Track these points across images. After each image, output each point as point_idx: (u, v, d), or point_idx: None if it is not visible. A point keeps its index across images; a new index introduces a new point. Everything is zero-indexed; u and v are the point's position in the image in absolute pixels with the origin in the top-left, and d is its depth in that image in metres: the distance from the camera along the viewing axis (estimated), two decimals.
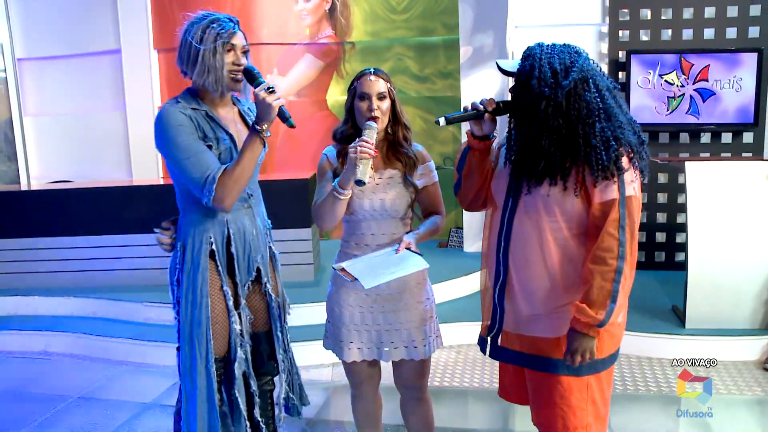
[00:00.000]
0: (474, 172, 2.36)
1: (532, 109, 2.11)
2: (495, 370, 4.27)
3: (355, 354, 2.61)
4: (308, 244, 5.40)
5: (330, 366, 4.47)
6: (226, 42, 2.35)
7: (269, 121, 2.32)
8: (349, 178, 2.39)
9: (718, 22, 5.61)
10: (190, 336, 2.44)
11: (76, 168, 7.30)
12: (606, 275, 2.03)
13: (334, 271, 2.57)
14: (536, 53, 2.13)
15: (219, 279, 2.48)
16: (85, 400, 4.10)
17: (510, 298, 2.25)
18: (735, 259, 4.31)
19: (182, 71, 2.45)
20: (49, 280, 5.58)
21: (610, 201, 2.05)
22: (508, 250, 2.22)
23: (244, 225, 2.52)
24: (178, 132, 2.32)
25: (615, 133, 2.07)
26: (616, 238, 2.03)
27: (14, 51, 7.37)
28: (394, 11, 6.87)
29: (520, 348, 2.25)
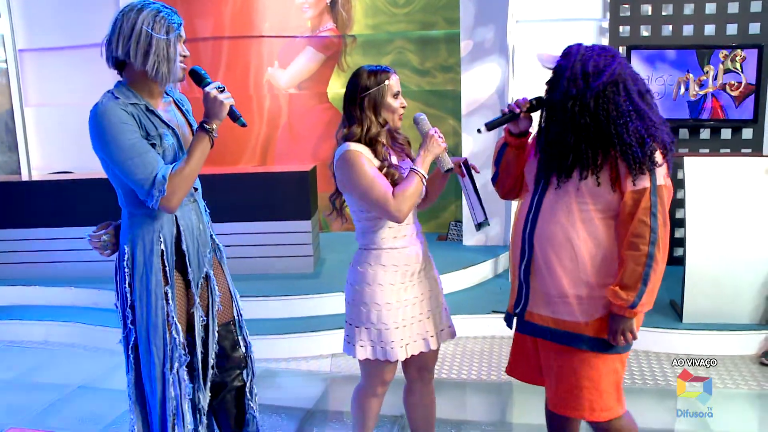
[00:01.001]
0: (511, 166, 2.50)
1: (560, 107, 2.23)
2: (493, 363, 4.30)
3: (403, 352, 2.55)
4: (308, 236, 5.42)
5: (329, 357, 4.50)
6: (178, 33, 2.29)
7: (219, 120, 2.30)
8: (428, 160, 2.47)
9: (719, 18, 5.62)
10: (147, 341, 2.35)
11: (77, 159, 7.28)
12: (638, 260, 2.14)
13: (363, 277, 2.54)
14: (573, 53, 2.25)
15: (165, 281, 2.36)
16: (85, 390, 4.13)
17: (535, 276, 2.33)
18: (733, 255, 4.33)
19: (115, 60, 2.30)
20: (50, 270, 5.60)
21: (641, 189, 2.15)
22: (535, 229, 2.31)
23: (191, 220, 2.44)
24: (121, 130, 2.20)
25: (649, 131, 2.17)
26: (648, 225, 2.14)
27: (15, 42, 7.37)
28: (395, 5, 6.87)
29: (546, 324, 2.32)
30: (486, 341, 4.69)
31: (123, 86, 2.32)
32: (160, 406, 2.38)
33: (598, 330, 2.24)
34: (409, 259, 2.56)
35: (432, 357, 2.73)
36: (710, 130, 5.76)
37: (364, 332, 2.55)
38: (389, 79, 2.52)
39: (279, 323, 4.69)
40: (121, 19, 2.26)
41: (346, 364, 4.39)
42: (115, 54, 2.28)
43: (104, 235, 2.46)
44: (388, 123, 2.55)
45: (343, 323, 4.03)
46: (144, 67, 2.25)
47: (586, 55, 2.22)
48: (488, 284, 5.56)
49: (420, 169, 2.45)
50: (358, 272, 2.56)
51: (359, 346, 2.55)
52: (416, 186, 2.43)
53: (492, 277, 5.71)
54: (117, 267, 2.43)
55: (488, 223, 2.60)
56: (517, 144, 2.46)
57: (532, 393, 3.90)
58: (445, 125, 6.74)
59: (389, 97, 2.52)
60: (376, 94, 2.50)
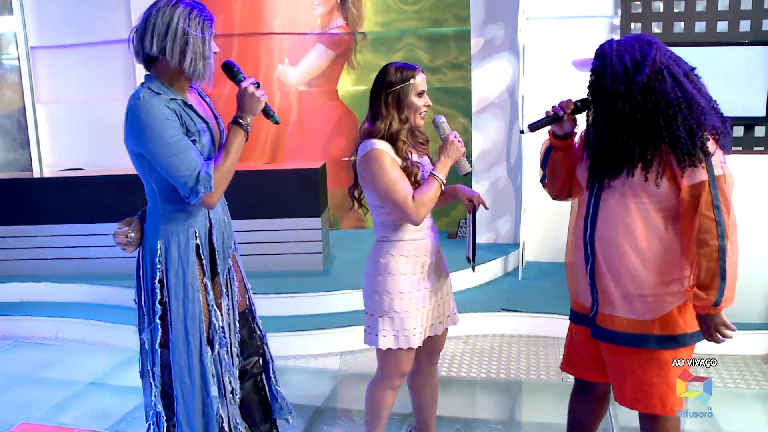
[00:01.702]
0: (558, 167, 2.47)
1: (609, 107, 2.18)
2: (502, 361, 4.30)
3: (420, 339, 2.63)
4: (318, 233, 5.42)
5: (338, 354, 4.50)
6: (212, 32, 2.32)
7: (253, 115, 2.34)
8: (448, 165, 2.55)
9: (732, 14, 5.57)
10: (185, 333, 2.38)
11: (88, 156, 7.33)
12: (710, 256, 2.09)
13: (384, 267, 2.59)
14: (606, 51, 2.20)
15: (202, 273, 2.42)
16: (95, 386, 4.14)
17: (600, 279, 2.31)
18: (744, 253, 4.26)
19: (147, 55, 2.29)
20: (60, 266, 5.63)
21: (699, 183, 2.10)
22: (595, 232, 2.29)
23: (218, 213, 2.50)
24: (165, 126, 2.20)
25: (698, 120, 2.11)
26: (713, 219, 2.08)
27: (27, 39, 7.41)
28: (405, 2, 6.86)
29: (616, 327, 2.29)
30: (495, 339, 4.68)
31: (157, 81, 2.30)
32: (200, 391, 2.43)
33: (664, 326, 2.22)
34: (426, 250, 2.63)
35: (441, 340, 2.86)
36: None
37: (387, 321, 2.59)
38: (415, 77, 2.56)
39: (288, 321, 4.69)
40: (154, 14, 2.24)
41: (354, 361, 4.39)
42: (148, 51, 2.26)
43: (131, 231, 2.45)
44: (409, 121, 2.57)
45: (352, 321, 4.05)
46: (181, 65, 2.26)
47: (621, 49, 2.18)
48: (498, 282, 5.55)
49: (439, 174, 2.52)
50: (379, 263, 2.61)
51: (382, 335, 2.60)
52: (435, 191, 2.51)
53: (502, 275, 5.69)
54: (142, 263, 2.44)
55: (473, 267, 2.76)
56: (563, 146, 2.44)
57: (542, 391, 3.92)
58: (455, 123, 6.73)
59: (413, 96, 2.55)
60: (400, 91, 2.54)
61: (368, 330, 2.67)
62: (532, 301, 4.93)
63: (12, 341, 4.99)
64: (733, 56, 5.48)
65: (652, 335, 2.23)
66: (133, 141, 2.26)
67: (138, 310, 2.48)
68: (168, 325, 2.40)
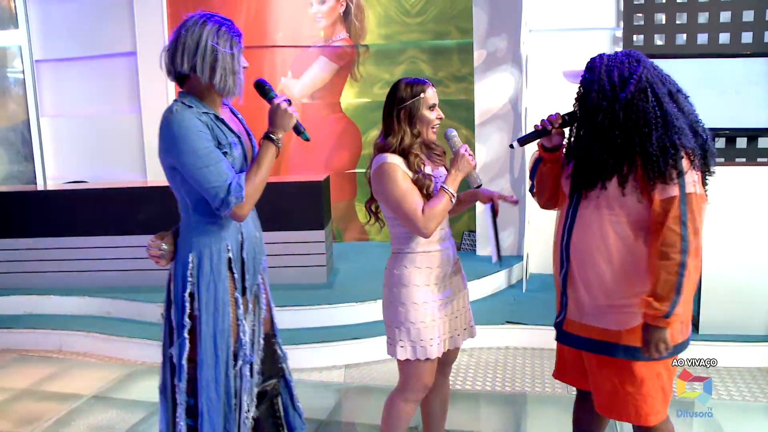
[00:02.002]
0: (546, 179, 2.53)
1: (591, 120, 2.25)
2: (507, 374, 4.28)
3: (438, 349, 2.63)
4: (321, 246, 5.41)
5: (342, 368, 4.49)
6: (241, 47, 2.37)
7: (285, 132, 2.38)
8: (458, 179, 2.57)
9: (734, 26, 5.59)
10: (214, 347, 2.38)
11: (92, 169, 7.35)
12: (670, 269, 2.12)
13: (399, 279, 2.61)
14: (597, 65, 2.26)
15: (234, 287, 2.42)
16: (99, 400, 4.13)
17: (572, 287, 2.36)
18: (749, 265, 4.29)
19: (179, 73, 2.33)
20: (64, 279, 5.63)
21: (670, 198, 2.14)
22: (570, 240, 2.34)
23: (250, 228, 2.50)
24: (198, 138, 2.24)
25: (672, 139, 2.15)
26: (678, 234, 2.11)
27: (32, 53, 7.45)
28: (408, 14, 6.89)
29: (585, 334, 2.35)
30: (500, 352, 4.66)
31: (189, 96, 2.35)
32: (224, 406, 2.42)
33: (634, 338, 2.25)
34: (442, 261, 2.65)
35: (455, 353, 2.87)
36: (725, 139, 5.72)
37: (403, 332, 2.61)
38: (425, 91, 2.59)
39: (292, 333, 4.68)
40: (184, 34, 2.29)
41: (359, 374, 4.38)
42: (179, 69, 2.31)
43: (164, 244, 2.46)
44: (422, 135, 2.61)
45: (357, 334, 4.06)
46: (211, 81, 2.30)
47: (611, 65, 2.24)
48: (502, 295, 5.54)
49: (450, 188, 2.54)
50: (395, 275, 2.63)
51: (399, 346, 2.61)
52: (445, 204, 2.53)
53: (506, 288, 5.68)
54: (173, 277, 2.44)
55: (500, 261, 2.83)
56: (551, 158, 2.50)
57: (547, 404, 3.90)
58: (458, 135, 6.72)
59: (425, 110, 2.59)
60: (411, 106, 2.57)
61: (389, 341, 2.70)
62: (536, 313, 4.91)
63: (15, 354, 4.98)
64: (736, 68, 5.48)
65: (620, 345, 2.27)
66: (166, 153, 2.30)
67: (165, 324, 2.46)
68: (197, 339, 2.39)
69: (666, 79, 2.25)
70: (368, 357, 4.53)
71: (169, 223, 2.54)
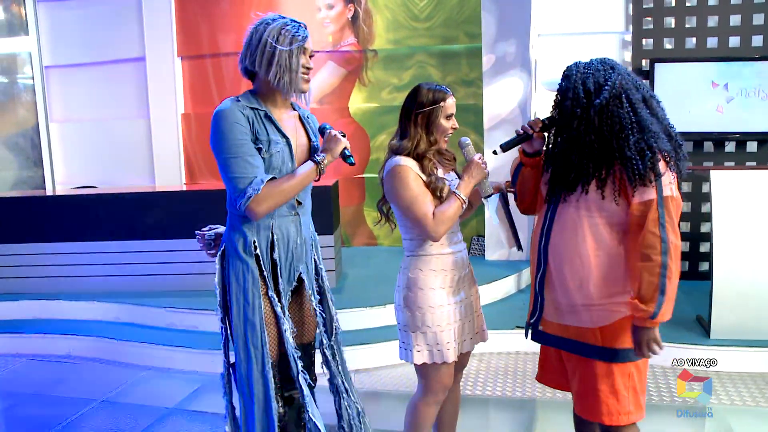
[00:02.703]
0: (527, 183, 2.57)
1: (567, 126, 2.30)
2: (518, 379, 4.26)
3: (455, 353, 2.63)
4: (331, 251, 5.41)
5: (352, 373, 4.45)
6: (301, 45, 2.40)
7: (333, 157, 2.49)
8: (471, 185, 2.59)
9: (744, 30, 5.56)
10: (245, 341, 2.39)
11: (101, 174, 7.38)
12: (653, 270, 2.16)
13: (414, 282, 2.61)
14: (573, 73, 2.32)
15: (265, 284, 2.43)
16: (108, 404, 4.13)
17: (549, 287, 2.40)
18: (761, 269, 4.26)
19: (246, 70, 2.44)
20: (73, 284, 5.64)
21: (648, 201, 2.18)
22: (548, 242, 2.38)
23: (288, 232, 2.49)
24: (231, 128, 2.30)
25: (649, 143, 2.20)
26: (658, 236, 2.15)
27: (42, 59, 7.49)
28: (416, 19, 6.88)
29: (559, 333, 2.39)
30: (510, 357, 4.64)
31: (249, 93, 2.44)
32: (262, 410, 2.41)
33: (607, 339, 2.29)
34: (456, 264, 2.65)
35: (467, 357, 2.83)
36: (735, 143, 5.69)
37: (420, 336, 2.60)
38: (445, 100, 2.60)
39: None
40: (252, 32, 2.39)
41: (368, 380, 4.36)
42: (246, 65, 2.41)
43: (208, 233, 2.58)
44: (438, 142, 2.62)
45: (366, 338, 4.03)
46: (267, 76, 2.36)
47: (586, 73, 2.30)
48: (511, 299, 5.52)
49: (461, 193, 2.56)
50: (409, 278, 2.62)
51: (416, 350, 2.61)
52: (456, 210, 2.54)
53: (515, 292, 5.66)
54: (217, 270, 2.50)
55: (521, 249, 2.82)
56: (532, 163, 2.53)
57: (557, 409, 3.87)
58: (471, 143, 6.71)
59: (442, 118, 2.60)
60: (430, 112, 2.58)
61: (402, 345, 2.68)
62: None
63: (25, 359, 4.99)
64: (746, 71, 5.45)
65: (595, 346, 2.30)
66: (211, 144, 2.36)
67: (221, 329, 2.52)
68: (232, 333, 2.44)
69: (640, 86, 2.31)
70: (378, 362, 4.51)
71: (176, 227, 2.59)
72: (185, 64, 7.21)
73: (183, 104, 7.23)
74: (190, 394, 4.18)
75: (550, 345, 2.47)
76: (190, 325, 4.96)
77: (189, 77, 7.22)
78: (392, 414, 2.74)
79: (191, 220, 3.14)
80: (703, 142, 5.71)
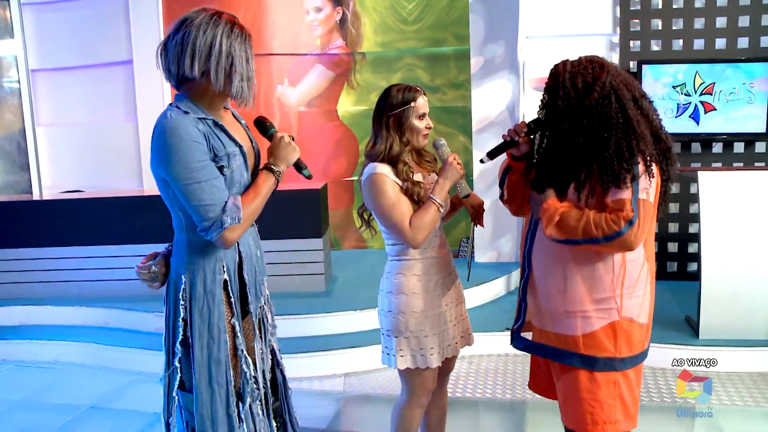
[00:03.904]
0: (516, 187, 2.51)
1: (556, 127, 2.24)
2: (507, 381, 4.26)
3: (439, 358, 2.62)
4: (320, 254, 5.40)
5: (342, 376, 4.46)
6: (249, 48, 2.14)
7: (287, 165, 2.24)
8: (446, 188, 2.53)
9: (730, 32, 5.60)
10: (209, 379, 2.13)
11: (88, 178, 7.33)
12: (588, 230, 2.13)
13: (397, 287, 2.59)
14: (560, 72, 2.24)
15: (231, 312, 2.19)
16: (97, 410, 4.10)
17: (532, 293, 2.38)
18: (749, 269, 4.28)
19: (183, 76, 2.08)
20: (61, 289, 5.60)
21: (620, 200, 2.13)
22: (532, 247, 2.36)
23: (250, 246, 2.29)
24: (191, 149, 1.99)
25: (630, 144, 2.14)
26: (618, 228, 2.10)
27: (28, 62, 7.44)
28: (405, 22, 6.89)
29: (542, 341, 2.36)
30: (500, 359, 4.64)
31: (186, 99, 2.10)
32: None
33: (589, 346, 2.25)
34: (439, 269, 2.64)
35: (453, 362, 2.83)
36: (723, 144, 5.72)
37: (403, 341, 2.59)
38: (416, 100, 2.56)
39: (291, 342, 4.65)
40: (194, 33, 2.02)
41: (359, 383, 4.35)
42: (187, 73, 2.04)
43: (153, 266, 2.23)
44: (411, 143, 2.58)
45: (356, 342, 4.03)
46: (226, 88, 2.08)
47: (574, 72, 2.22)
48: (501, 301, 5.52)
49: (437, 198, 2.51)
50: (393, 283, 2.61)
51: (399, 356, 2.59)
52: (433, 215, 2.50)
53: (504, 294, 5.67)
54: (166, 300, 2.21)
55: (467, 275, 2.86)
56: (520, 167, 2.48)
57: (546, 411, 3.87)
58: (455, 142, 6.73)
59: (414, 118, 2.56)
60: (401, 114, 2.55)
61: (385, 350, 2.66)
62: None
63: (11, 365, 4.94)
64: (732, 73, 5.49)
65: (577, 353, 2.27)
66: (158, 164, 2.05)
67: (165, 351, 2.25)
68: (191, 369, 2.15)
69: (630, 85, 2.23)
70: (368, 365, 4.50)
71: (167, 232, 2.41)
72: None
73: None
74: None
75: (531, 352, 2.44)
76: None
77: None
78: (381, 418, 2.73)
79: None
80: (690, 143, 5.74)
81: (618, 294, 2.23)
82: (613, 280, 2.23)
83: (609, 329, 2.23)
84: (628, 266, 2.22)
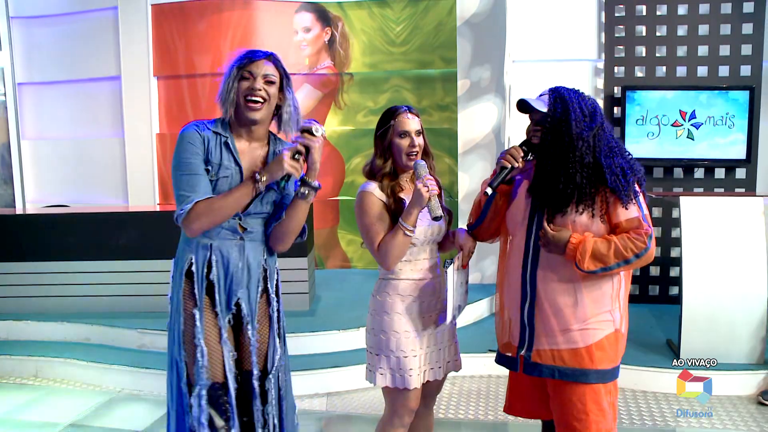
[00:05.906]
0: (499, 212, 2.58)
1: (568, 148, 2.33)
2: (490, 402, 4.26)
3: (419, 380, 2.62)
4: (304, 273, 5.39)
5: (324, 396, 4.45)
6: (242, 68, 2.42)
7: (272, 178, 2.36)
8: (414, 213, 2.49)
9: (711, 60, 5.71)
10: (170, 352, 2.44)
11: (73, 193, 7.30)
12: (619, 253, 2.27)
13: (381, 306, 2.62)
14: (567, 96, 2.36)
15: (192, 303, 2.40)
16: (76, 428, 4.05)
17: (540, 316, 2.41)
18: (729, 294, 4.33)
19: None
20: (42, 304, 5.54)
21: (633, 218, 2.31)
22: (536, 270, 2.41)
23: (229, 255, 2.43)
24: (185, 148, 2.36)
25: (629, 164, 2.34)
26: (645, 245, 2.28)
27: (14, 75, 7.42)
28: (392, 44, 6.95)
29: (553, 362, 2.40)
30: (483, 380, 4.65)
31: (220, 120, 2.47)
32: (175, 423, 2.44)
33: (597, 359, 2.36)
34: (425, 292, 2.64)
35: (439, 385, 2.82)
36: (704, 170, 5.81)
37: (384, 360, 2.61)
38: (395, 119, 2.60)
39: None
40: None
41: (342, 403, 4.34)
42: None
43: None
44: (397, 162, 2.62)
45: (339, 361, 4.03)
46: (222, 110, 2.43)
47: (581, 98, 2.39)
48: (484, 322, 5.53)
49: (404, 222, 2.50)
50: (378, 301, 2.65)
51: (379, 373, 2.62)
52: (400, 239, 2.51)
53: (488, 316, 5.68)
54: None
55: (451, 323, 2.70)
56: (507, 191, 2.56)
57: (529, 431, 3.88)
58: (441, 164, 6.76)
59: (395, 137, 2.60)
60: (384, 133, 2.62)
61: (368, 367, 2.70)
62: None
63: None
64: (714, 100, 5.58)
65: (589, 370, 2.35)
66: None
67: None
68: None
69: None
70: (351, 385, 4.49)
71: (149, 248, 2.58)
72: (161, 84, 7.18)
73: (158, 124, 7.19)
74: (160, 418, 4.12)
75: (544, 375, 2.43)
76: (162, 347, 4.89)
77: (165, 97, 7.19)
78: None
79: (164, 241, 3.10)
80: (672, 168, 5.82)
81: (615, 307, 2.38)
82: (612, 295, 2.37)
83: (612, 338, 2.37)
84: (623, 280, 2.39)
